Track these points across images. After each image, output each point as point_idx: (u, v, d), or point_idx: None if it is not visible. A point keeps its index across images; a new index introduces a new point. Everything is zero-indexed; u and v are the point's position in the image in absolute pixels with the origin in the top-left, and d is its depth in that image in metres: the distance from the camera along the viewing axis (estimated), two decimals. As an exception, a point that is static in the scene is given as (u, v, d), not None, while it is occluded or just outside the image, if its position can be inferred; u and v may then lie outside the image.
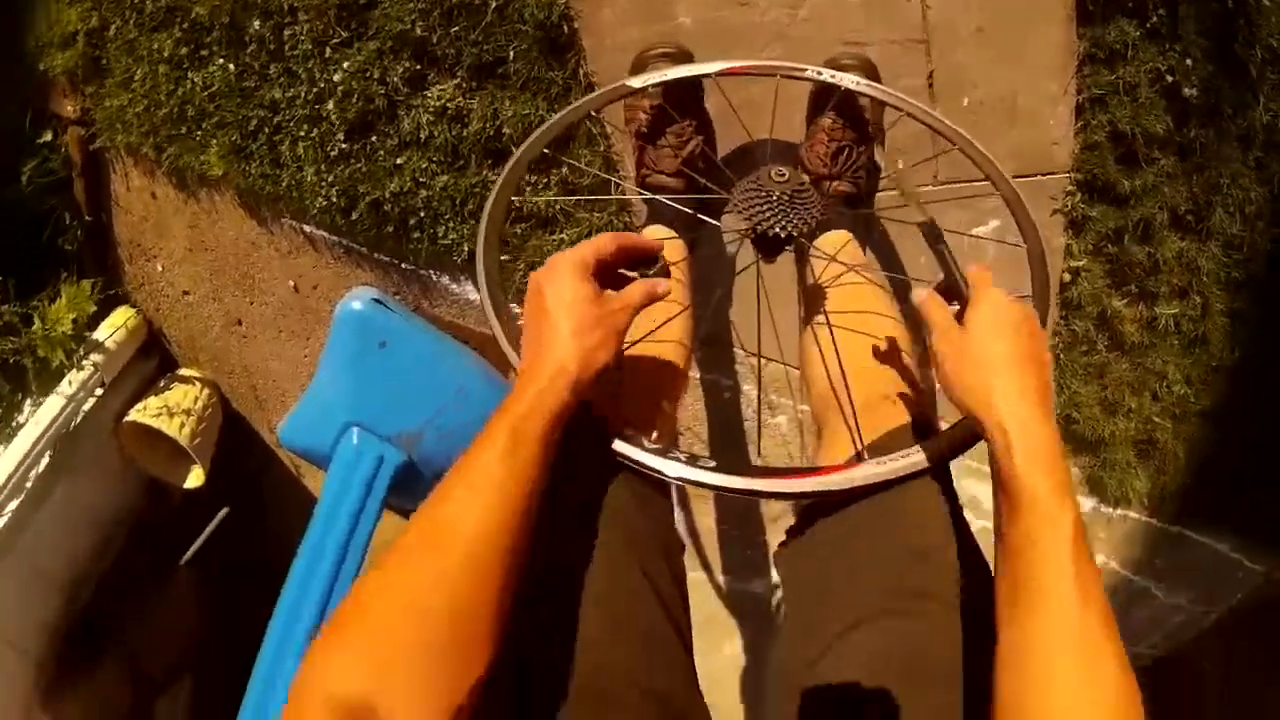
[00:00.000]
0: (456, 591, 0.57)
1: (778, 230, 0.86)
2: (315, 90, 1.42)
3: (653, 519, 0.79)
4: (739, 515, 1.80)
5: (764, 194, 0.87)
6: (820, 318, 0.97)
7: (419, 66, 1.38)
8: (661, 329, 0.90)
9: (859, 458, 0.78)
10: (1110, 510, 1.67)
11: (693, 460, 0.75)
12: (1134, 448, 1.56)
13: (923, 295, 0.78)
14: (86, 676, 1.97)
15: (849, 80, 1.15)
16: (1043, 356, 0.69)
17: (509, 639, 0.60)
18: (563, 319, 0.68)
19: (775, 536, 1.82)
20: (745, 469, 0.74)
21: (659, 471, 0.74)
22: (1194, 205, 1.31)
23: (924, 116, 1.14)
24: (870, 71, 1.23)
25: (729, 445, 1.67)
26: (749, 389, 1.58)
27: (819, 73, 1.16)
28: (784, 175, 0.87)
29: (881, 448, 0.79)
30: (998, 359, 0.67)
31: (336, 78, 1.39)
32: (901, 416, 0.84)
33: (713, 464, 0.74)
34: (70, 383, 1.80)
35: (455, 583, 0.57)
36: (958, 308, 0.75)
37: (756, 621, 1.97)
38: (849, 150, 1.20)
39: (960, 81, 1.32)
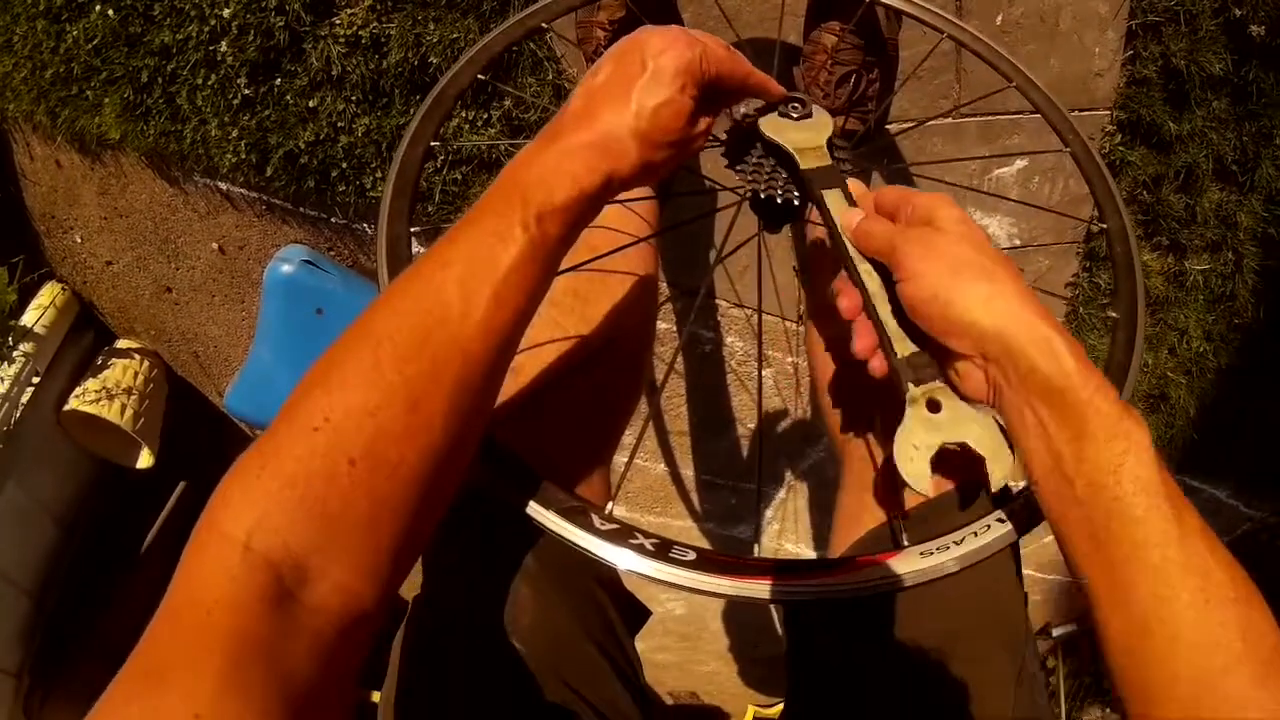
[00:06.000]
0: (433, 435, 0.43)
1: (790, 195, 0.60)
2: (207, 29, 1.23)
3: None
4: (721, 466, 1.69)
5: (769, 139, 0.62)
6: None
7: (322, -11, 1.18)
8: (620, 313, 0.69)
9: (895, 541, 0.57)
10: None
11: (663, 549, 0.53)
12: (1144, 402, 1.51)
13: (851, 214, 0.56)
14: (67, 676, 1.91)
15: None
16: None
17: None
18: (643, 116, 0.51)
19: (759, 483, 1.75)
20: (739, 561, 0.53)
21: (612, 563, 0.53)
22: (1241, 155, 1.22)
23: (973, 44, 0.85)
24: None
25: (711, 405, 1.52)
26: (732, 341, 1.40)
27: None
28: (799, 110, 0.60)
29: (928, 521, 0.59)
30: (988, 263, 0.51)
31: (227, 12, 1.19)
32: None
33: (691, 555, 0.53)
34: (2, 379, 1.67)
35: (432, 424, 0.43)
36: None
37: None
38: (857, 76, 0.95)
39: (996, -7, 1.14)
